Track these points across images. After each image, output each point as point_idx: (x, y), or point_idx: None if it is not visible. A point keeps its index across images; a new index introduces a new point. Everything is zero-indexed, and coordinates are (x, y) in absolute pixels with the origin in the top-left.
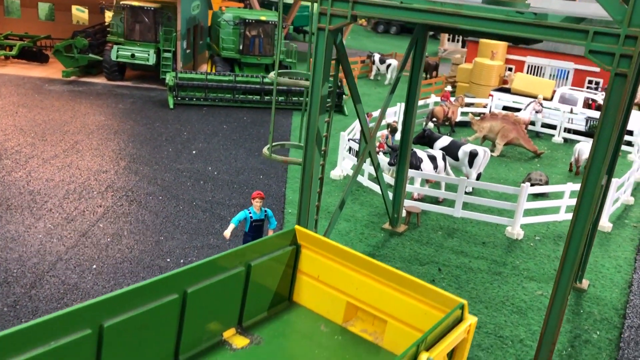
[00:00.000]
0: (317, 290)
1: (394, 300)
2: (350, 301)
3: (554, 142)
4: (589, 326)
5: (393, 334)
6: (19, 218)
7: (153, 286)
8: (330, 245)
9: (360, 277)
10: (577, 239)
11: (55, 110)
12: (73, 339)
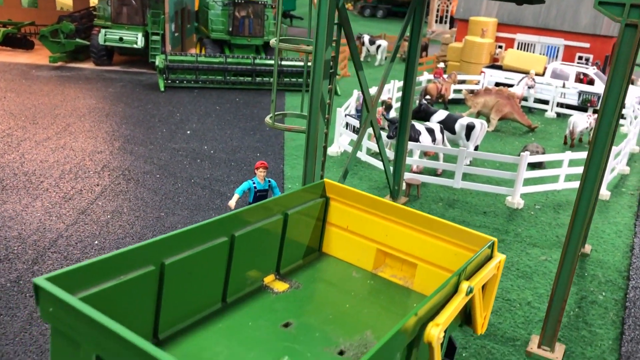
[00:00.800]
0: (347, 240)
1: (424, 244)
2: (380, 248)
3: (546, 117)
4: (594, 288)
5: (423, 276)
6: (15, 198)
7: (206, 228)
8: (360, 195)
9: (389, 224)
10: (587, 196)
11: (44, 95)
12: (139, 274)
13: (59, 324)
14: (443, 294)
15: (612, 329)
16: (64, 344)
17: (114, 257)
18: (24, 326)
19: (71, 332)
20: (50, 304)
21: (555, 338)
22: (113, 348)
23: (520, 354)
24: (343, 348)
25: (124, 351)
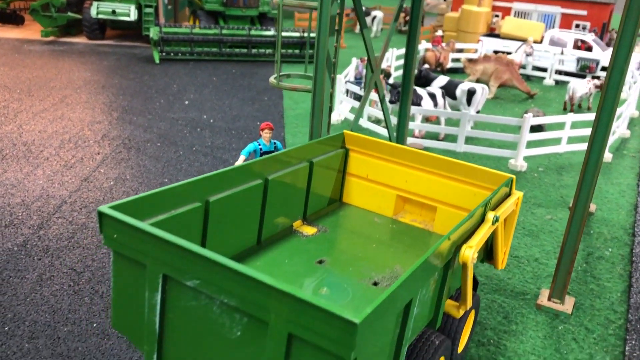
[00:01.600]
0: (367, 189)
1: (443, 187)
2: (399, 194)
3: (545, 85)
4: (600, 244)
5: (443, 218)
6: (16, 167)
7: (244, 170)
8: (379, 144)
9: (409, 170)
10: (596, 151)
11: (38, 68)
12: (188, 209)
13: (123, 248)
14: (472, 222)
15: (620, 282)
16: (128, 268)
17: (166, 191)
18: (34, 287)
19: (136, 255)
20: (115, 230)
21: (566, 290)
22: (181, 264)
23: (531, 307)
24: (376, 280)
25: (193, 266)
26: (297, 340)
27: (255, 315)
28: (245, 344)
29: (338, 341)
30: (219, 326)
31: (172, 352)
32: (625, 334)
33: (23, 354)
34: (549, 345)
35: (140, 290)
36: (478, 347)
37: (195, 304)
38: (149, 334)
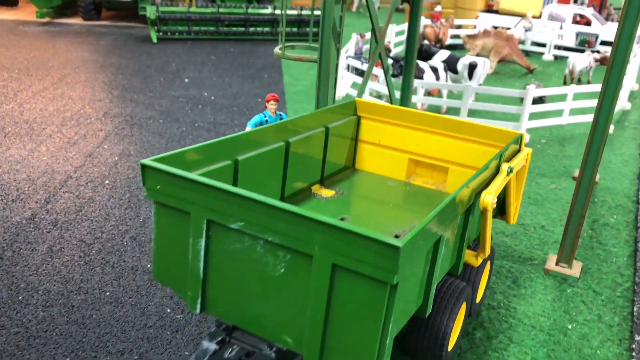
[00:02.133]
0: (379, 155)
1: (454, 147)
2: (411, 157)
3: (544, 60)
4: (605, 212)
5: (455, 178)
6: (19, 144)
7: (267, 131)
8: (391, 109)
9: (420, 133)
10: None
11: (35, 49)
12: (219, 166)
13: (167, 199)
14: (488, 172)
15: (626, 247)
16: (171, 217)
17: (200, 148)
18: (44, 259)
19: (180, 204)
20: (158, 181)
21: (573, 255)
22: (226, 208)
23: (539, 272)
24: (397, 233)
25: (238, 208)
26: (341, 270)
27: (299, 250)
28: (289, 280)
29: (382, 266)
30: (262, 265)
31: (215, 295)
32: (633, 296)
33: (38, 322)
34: (558, 308)
35: (184, 238)
36: (489, 310)
37: (239, 246)
38: (192, 280)
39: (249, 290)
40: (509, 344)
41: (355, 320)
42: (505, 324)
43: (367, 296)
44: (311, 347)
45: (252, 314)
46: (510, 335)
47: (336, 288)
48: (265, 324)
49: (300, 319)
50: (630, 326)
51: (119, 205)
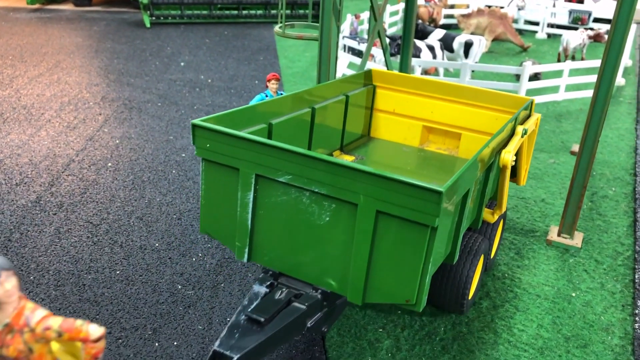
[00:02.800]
0: (394, 123)
1: (467, 114)
2: (425, 125)
3: (537, 38)
4: (603, 184)
5: (467, 144)
6: (19, 129)
7: (296, 98)
8: (405, 77)
9: (434, 100)
10: (603, 94)
11: (27, 35)
12: (256, 129)
13: (216, 156)
14: (505, 133)
15: (625, 218)
16: (220, 173)
17: (238, 111)
18: (53, 240)
19: (229, 161)
20: (209, 140)
21: (575, 226)
22: (274, 163)
23: (541, 243)
24: None
25: (286, 163)
26: (384, 217)
27: (344, 200)
28: (333, 227)
29: (425, 211)
30: (308, 215)
31: (262, 244)
32: (634, 264)
33: (51, 300)
34: (561, 277)
35: (232, 193)
36: (494, 280)
37: (285, 198)
38: (240, 231)
39: (295, 239)
40: (515, 312)
41: (398, 261)
42: (510, 294)
43: (410, 238)
44: (355, 288)
45: (297, 261)
46: (516, 304)
47: (379, 233)
48: (310, 270)
49: (343, 263)
50: (632, 293)
51: (123, 187)
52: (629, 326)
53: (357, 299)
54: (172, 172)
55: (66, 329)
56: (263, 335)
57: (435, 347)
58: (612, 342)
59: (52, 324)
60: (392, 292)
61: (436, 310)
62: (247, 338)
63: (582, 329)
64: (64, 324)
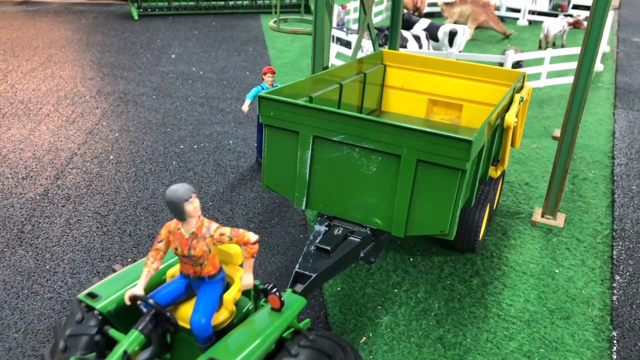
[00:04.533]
0: (402, 97)
1: (467, 87)
2: (430, 98)
3: (519, 25)
4: (584, 167)
5: (468, 114)
6: (19, 124)
7: (325, 76)
8: (413, 57)
9: (438, 76)
10: (583, 81)
11: (16, 29)
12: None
13: (279, 122)
14: (506, 101)
15: (604, 199)
16: (282, 136)
17: (288, 86)
18: (64, 230)
19: (290, 125)
20: (271, 109)
21: (557, 207)
22: (330, 125)
23: (526, 224)
24: None
25: (340, 125)
26: (423, 164)
27: (390, 152)
28: (379, 176)
29: (457, 157)
30: (357, 167)
31: (317, 194)
32: (612, 242)
33: (68, 287)
34: (545, 255)
35: (292, 152)
36: (483, 260)
37: (338, 154)
38: (299, 184)
39: (346, 188)
40: (504, 289)
41: (434, 200)
42: (498, 272)
43: (445, 181)
44: (398, 225)
45: (347, 206)
46: (504, 280)
47: (419, 177)
48: (359, 212)
49: (388, 205)
50: (610, 268)
51: (126, 178)
52: (608, 298)
53: (400, 232)
54: (173, 163)
55: (234, 235)
56: (330, 260)
57: (430, 321)
58: (593, 314)
59: (225, 232)
60: (429, 225)
61: (430, 288)
62: (319, 262)
63: (565, 302)
64: (233, 231)
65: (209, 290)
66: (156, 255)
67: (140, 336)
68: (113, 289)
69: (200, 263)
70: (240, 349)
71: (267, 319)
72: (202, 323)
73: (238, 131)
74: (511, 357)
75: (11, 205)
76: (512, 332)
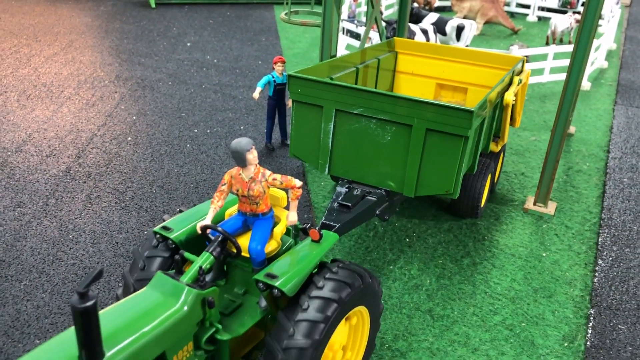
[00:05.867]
0: (413, 82)
1: (471, 72)
2: (438, 82)
3: (528, 21)
4: (579, 160)
5: (473, 96)
6: (42, 105)
7: (342, 60)
8: (423, 45)
9: (445, 62)
10: (575, 76)
11: (38, 15)
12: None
13: (306, 97)
14: (506, 81)
15: (596, 190)
16: (308, 110)
17: (312, 68)
18: (85, 205)
19: (315, 100)
20: (299, 86)
21: (549, 195)
22: (350, 100)
23: (519, 211)
24: None
25: (359, 99)
26: (431, 133)
27: (402, 123)
28: (393, 144)
29: (460, 125)
30: (374, 136)
31: (339, 161)
32: (599, 229)
33: (90, 255)
34: (534, 240)
35: (317, 124)
36: (475, 242)
37: (357, 126)
38: (323, 152)
39: (363, 155)
40: (492, 269)
41: (441, 164)
42: (489, 253)
43: (450, 146)
44: (409, 186)
45: (365, 171)
46: (493, 262)
47: (428, 144)
48: (375, 176)
49: (400, 169)
50: (594, 253)
51: (143, 159)
52: (589, 280)
53: (410, 193)
54: (187, 146)
55: (284, 180)
56: (351, 214)
57: (421, 296)
58: (574, 294)
59: (277, 177)
60: (437, 186)
61: (423, 266)
62: (341, 216)
63: (549, 282)
64: (283, 178)
65: (262, 224)
66: (220, 196)
67: (210, 257)
68: (182, 224)
69: (256, 202)
70: (291, 268)
71: (308, 249)
72: (258, 249)
73: (249, 118)
74: (494, 329)
75: (37, 180)
76: (497, 307)
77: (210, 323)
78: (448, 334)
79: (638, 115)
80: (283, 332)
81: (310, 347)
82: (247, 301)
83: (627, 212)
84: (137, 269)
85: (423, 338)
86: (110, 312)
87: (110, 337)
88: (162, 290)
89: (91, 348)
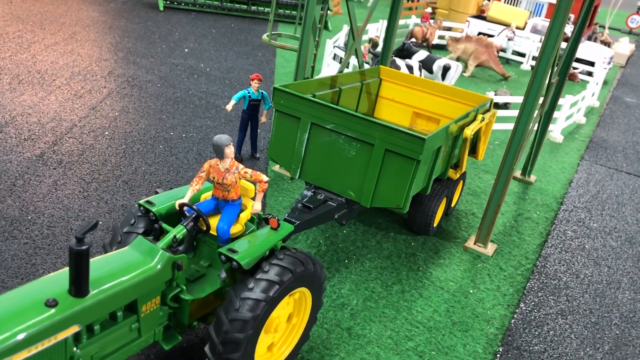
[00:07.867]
0: (392, 108)
1: (444, 105)
2: (415, 111)
3: (522, 69)
4: (531, 208)
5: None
6: (32, 91)
7: (329, 80)
8: (405, 75)
9: (422, 93)
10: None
11: (48, 3)
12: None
13: (286, 109)
14: (469, 117)
15: (539, 238)
16: (287, 120)
17: (299, 84)
18: (50, 190)
19: (294, 112)
20: (282, 99)
21: (489, 237)
22: (325, 116)
23: (459, 248)
24: None
25: (332, 116)
26: (389, 153)
27: (365, 141)
28: (356, 158)
29: (414, 150)
30: (341, 150)
31: (309, 168)
32: (530, 275)
33: (43, 237)
34: (466, 277)
35: (293, 133)
36: (409, 271)
37: (328, 139)
38: (296, 158)
39: (331, 165)
40: (419, 298)
41: (395, 181)
42: (419, 283)
43: (404, 166)
44: (366, 197)
45: (331, 179)
46: (421, 292)
47: (385, 162)
48: (338, 185)
49: (360, 181)
50: (520, 297)
51: (115, 154)
52: (507, 321)
53: (367, 203)
54: (160, 147)
55: (254, 174)
56: (311, 215)
57: (345, 314)
58: (489, 331)
59: (248, 171)
60: (389, 200)
61: (354, 287)
62: (302, 215)
63: (469, 318)
64: (253, 172)
65: (231, 209)
66: (199, 181)
67: (184, 229)
68: (164, 200)
69: (228, 189)
70: (250, 246)
71: (267, 234)
72: (225, 229)
73: (226, 128)
74: (405, 353)
75: (10, 161)
76: (413, 334)
77: (177, 284)
78: (360, 352)
79: (600, 172)
80: (231, 306)
81: (252, 319)
82: (210, 273)
83: (561, 262)
84: (115, 242)
85: (336, 353)
86: (97, 262)
87: (96, 280)
88: (140, 250)
89: (80, 284)
